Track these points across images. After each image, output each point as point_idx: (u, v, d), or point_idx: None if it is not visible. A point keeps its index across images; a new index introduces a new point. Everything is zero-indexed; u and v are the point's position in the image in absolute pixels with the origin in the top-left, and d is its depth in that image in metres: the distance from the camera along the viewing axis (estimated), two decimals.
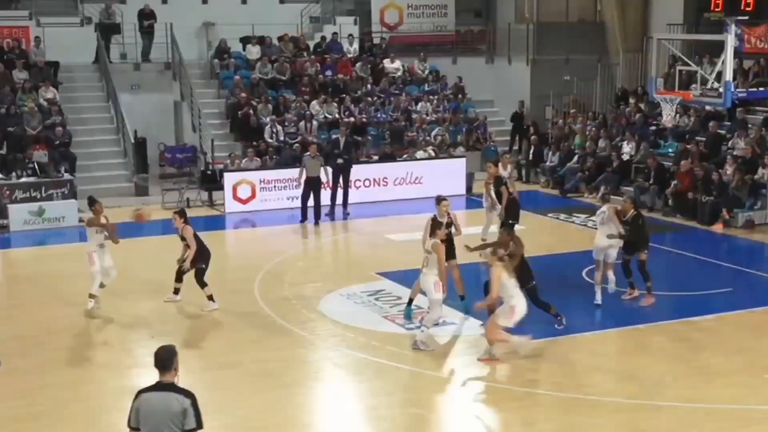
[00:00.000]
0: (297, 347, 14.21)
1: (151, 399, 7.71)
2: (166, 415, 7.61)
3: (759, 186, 22.81)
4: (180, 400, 7.65)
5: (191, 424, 7.64)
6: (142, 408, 7.73)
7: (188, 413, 7.64)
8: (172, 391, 7.70)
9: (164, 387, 7.73)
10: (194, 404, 7.70)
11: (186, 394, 7.72)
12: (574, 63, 32.15)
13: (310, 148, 23.30)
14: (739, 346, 14.15)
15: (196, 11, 31.27)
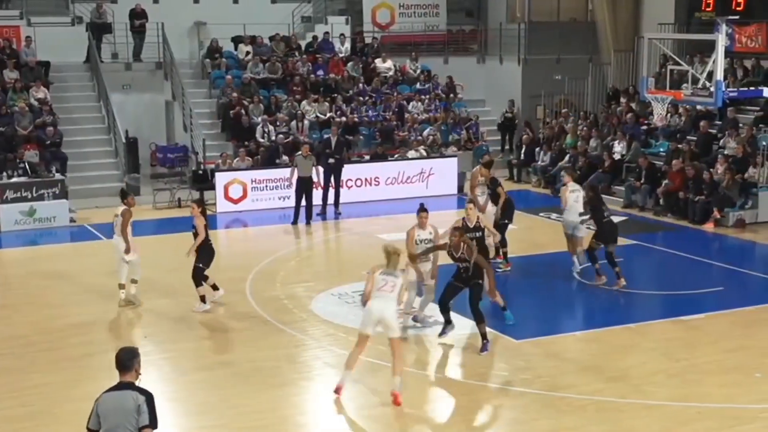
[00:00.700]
0: (289, 347, 14.21)
1: (108, 398, 7.82)
2: (121, 412, 7.69)
3: (750, 185, 22.88)
4: (135, 397, 7.73)
5: (144, 421, 7.69)
6: (100, 408, 7.82)
7: (142, 410, 7.70)
8: (128, 389, 7.80)
9: (122, 386, 7.85)
10: (149, 402, 7.76)
11: (142, 392, 7.79)
12: (565, 62, 32.22)
13: (302, 148, 23.29)
14: (730, 345, 14.18)
15: (187, 11, 31.26)
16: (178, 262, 18.77)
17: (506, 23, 33.86)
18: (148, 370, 13.24)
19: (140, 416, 7.69)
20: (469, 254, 13.50)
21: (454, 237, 13.59)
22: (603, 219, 17.16)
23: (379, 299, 11.83)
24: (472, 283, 13.66)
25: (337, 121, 27.67)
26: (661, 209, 23.78)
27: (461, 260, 13.59)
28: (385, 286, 11.89)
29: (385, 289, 11.88)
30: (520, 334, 14.49)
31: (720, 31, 18.28)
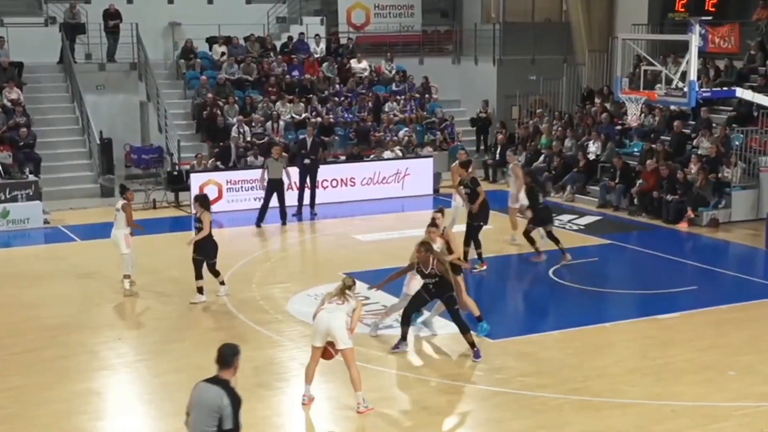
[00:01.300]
0: (265, 348, 14.18)
1: (201, 388, 8.02)
2: (205, 406, 7.89)
3: (723, 185, 23.02)
4: (221, 398, 7.87)
5: (228, 425, 7.86)
6: (194, 395, 8.05)
7: (226, 413, 7.85)
8: (220, 387, 7.94)
9: (218, 382, 7.99)
10: (235, 406, 7.90)
11: (230, 395, 7.92)
12: (540, 63, 32.33)
13: (273, 150, 23.17)
14: (704, 343, 14.27)
15: (161, 11, 31.13)
16: (152, 265, 18.76)
17: (481, 24, 33.93)
18: (121, 372, 13.31)
19: (224, 419, 7.84)
20: (440, 269, 13.26)
21: (419, 253, 13.22)
22: (539, 205, 18.61)
23: (326, 311, 11.76)
24: (445, 297, 13.41)
25: (312, 122, 27.63)
26: (635, 209, 23.89)
27: (431, 276, 13.28)
28: (329, 301, 11.85)
29: (334, 301, 11.82)
30: (496, 334, 14.51)
31: (693, 32, 18.38)
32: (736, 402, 11.95)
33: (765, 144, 23.47)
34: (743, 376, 12.85)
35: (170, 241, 21.23)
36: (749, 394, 12.23)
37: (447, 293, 13.37)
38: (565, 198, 25.84)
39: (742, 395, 12.18)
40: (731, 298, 16.67)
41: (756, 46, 26.62)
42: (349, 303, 11.85)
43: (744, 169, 23.25)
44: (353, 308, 11.88)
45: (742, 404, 11.88)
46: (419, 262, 13.30)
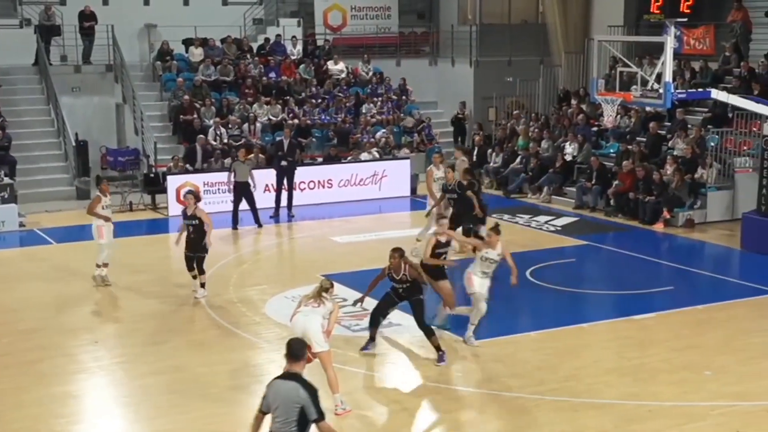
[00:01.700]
0: (243, 350, 14.15)
1: (277, 386, 8.17)
2: (286, 403, 8.04)
3: (699, 186, 23.15)
4: (299, 392, 8.02)
5: (312, 415, 8.01)
6: (270, 394, 8.19)
7: (307, 405, 8.00)
8: (294, 381, 8.10)
9: (291, 377, 8.15)
10: (314, 397, 8.04)
11: (305, 386, 8.06)
12: (516, 64, 32.40)
13: (239, 152, 23.07)
14: (680, 343, 14.34)
15: (137, 13, 31.01)
16: (129, 267, 18.68)
17: (458, 25, 33.99)
18: (98, 375, 13.24)
19: (306, 411, 7.98)
20: (413, 274, 13.23)
21: (393, 259, 13.14)
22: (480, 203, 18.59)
23: (302, 314, 11.73)
24: (412, 300, 13.40)
25: (289, 124, 27.58)
26: (611, 210, 23.99)
27: (402, 281, 13.27)
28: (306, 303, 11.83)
29: (310, 304, 11.80)
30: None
31: (668, 34, 18.43)
32: (713, 402, 12.02)
33: (740, 145, 23.62)
34: (719, 376, 12.92)
35: (147, 243, 21.18)
36: (725, 393, 12.30)
37: (416, 296, 13.38)
38: (542, 199, 25.91)
39: (718, 395, 12.25)
40: (707, 298, 16.76)
41: (731, 48, 26.78)
42: (326, 306, 11.82)
43: (719, 170, 23.39)
44: (330, 311, 11.86)
45: (718, 404, 11.95)
46: (391, 268, 13.22)
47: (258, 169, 23.75)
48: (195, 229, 16.46)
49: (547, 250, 19.83)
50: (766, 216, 20.05)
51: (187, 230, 16.55)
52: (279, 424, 8.08)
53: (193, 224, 16.47)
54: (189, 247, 16.63)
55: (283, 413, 8.04)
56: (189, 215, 16.51)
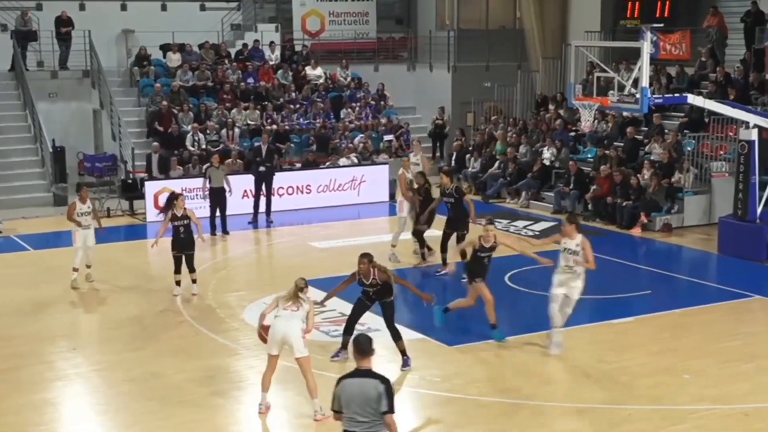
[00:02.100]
0: (221, 356, 14.11)
1: (350, 384, 8.26)
2: (364, 399, 8.14)
3: (676, 190, 23.26)
4: (376, 385, 8.15)
5: (384, 407, 8.12)
6: (343, 393, 8.27)
7: (382, 397, 8.12)
8: (368, 377, 8.23)
9: (362, 373, 8.28)
10: (388, 389, 8.18)
11: (381, 380, 8.20)
12: (494, 70, 32.49)
13: (213, 158, 23.00)
14: (658, 347, 14.40)
15: (114, 18, 30.88)
16: (106, 274, 18.60)
17: (435, 31, 34.06)
18: (76, 382, 13.17)
19: (380, 403, 8.11)
20: (382, 277, 13.17)
21: (362, 264, 13.04)
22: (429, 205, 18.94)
23: (283, 319, 11.71)
24: (383, 302, 13.37)
25: (267, 129, 27.56)
26: (589, 214, 24.07)
27: (372, 285, 13.22)
28: (285, 306, 11.80)
29: (288, 308, 11.77)
30: (452, 340, 14.55)
31: (645, 39, 18.53)
32: (691, 405, 12.07)
33: (716, 150, 23.75)
34: (698, 380, 12.99)
35: (125, 249, 21.10)
36: (704, 397, 12.36)
37: (386, 298, 13.36)
38: (520, 204, 25.99)
39: (697, 398, 12.31)
40: (685, 302, 16.87)
41: (707, 53, 26.95)
42: (303, 308, 11.79)
43: (696, 174, 23.52)
44: (307, 312, 11.83)
45: (697, 407, 12.01)
46: (360, 273, 13.14)
47: (236, 175, 23.69)
48: (186, 228, 17.03)
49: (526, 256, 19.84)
50: (742, 220, 20.17)
51: (178, 231, 17.03)
52: (361, 421, 8.19)
53: (184, 224, 17.02)
54: (180, 247, 17.07)
55: (361, 410, 8.17)
56: (180, 216, 17.01)
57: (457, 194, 18.34)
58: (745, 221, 20.13)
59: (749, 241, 19.84)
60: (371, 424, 8.16)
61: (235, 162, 25.48)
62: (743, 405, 12.11)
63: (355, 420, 8.18)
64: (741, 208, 20.22)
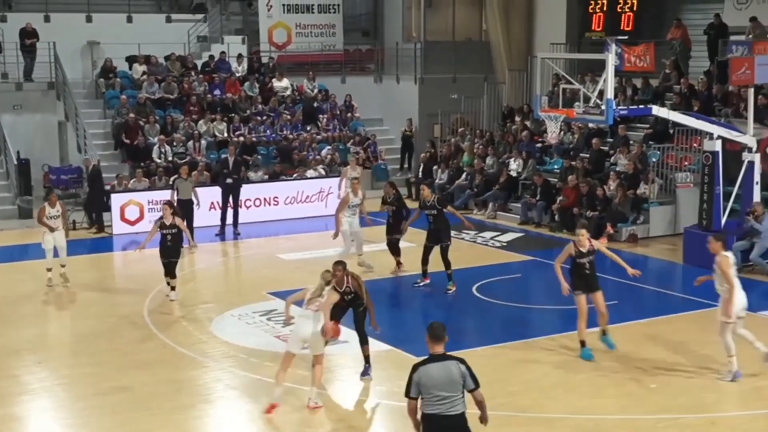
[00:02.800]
0: (189, 369, 14.03)
1: (431, 370, 8.68)
2: (449, 382, 8.64)
3: (641, 201, 23.43)
4: (456, 365, 8.71)
5: (471, 385, 8.73)
6: (425, 378, 8.65)
7: (465, 376, 8.71)
8: (447, 360, 8.73)
9: (439, 357, 8.74)
10: (468, 368, 8.77)
11: (458, 360, 8.77)
12: (461, 82, 32.60)
13: (181, 169, 22.94)
14: (625, 357, 14.46)
15: (80, 30, 30.70)
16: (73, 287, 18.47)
17: (402, 43, 34.14)
18: (42, 396, 13.05)
19: (465, 381, 8.69)
20: (355, 285, 13.14)
21: (337, 272, 12.93)
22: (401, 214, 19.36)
23: (307, 319, 12.20)
24: (355, 307, 13.37)
25: (234, 141, 27.51)
26: (556, 225, 24.20)
27: (346, 293, 13.14)
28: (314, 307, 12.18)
29: (314, 305, 12.19)
30: (420, 351, 14.52)
31: (610, 51, 18.67)
32: (658, 414, 12.14)
33: (681, 161, 23.94)
34: (664, 389, 13.06)
35: (90, 262, 20.97)
36: (670, 406, 12.44)
37: (359, 304, 13.36)
38: (487, 215, 26.07)
39: (664, 408, 12.38)
40: (651, 312, 16.97)
41: (671, 65, 27.20)
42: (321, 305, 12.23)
43: (661, 185, 23.70)
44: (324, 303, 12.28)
45: (664, 416, 12.08)
46: (335, 282, 12.95)
47: (203, 187, 23.62)
48: (173, 237, 17.48)
49: (493, 266, 19.94)
50: (707, 230, 20.31)
51: (166, 239, 17.45)
52: (443, 403, 8.62)
53: (172, 233, 17.46)
54: (167, 254, 17.46)
55: (446, 392, 8.61)
56: (168, 224, 17.47)
57: (440, 205, 18.22)
58: (710, 231, 20.25)
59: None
60: (453, 402, 8.64)
61: (201, 174, 25.39)
62: (710, 414, 12.21)
63: (440, 400, 8.61)
64: (706, 219, 20.39)
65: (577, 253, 14.24)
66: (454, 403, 8.65)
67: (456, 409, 8.67)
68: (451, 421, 8.67)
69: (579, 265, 14.25)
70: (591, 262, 14.26)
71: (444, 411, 8.63)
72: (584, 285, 14.23)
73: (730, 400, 12.75)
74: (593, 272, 14.30)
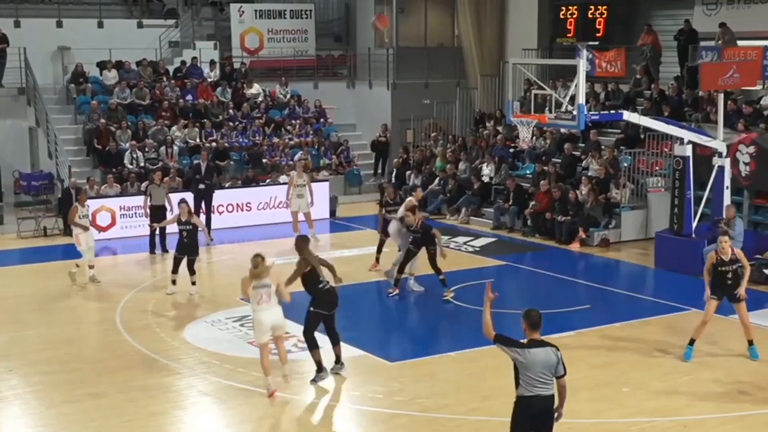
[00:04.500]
0: (162, 376, 13.97)
1: (536, 354, 9.29)
2: (548, 366, 9.28)
3: (613, 205, 23.56)
4: (554, 352, 9.36)
5: (561, 371, 9.38)
6: (528, 360, 9.28)
7: (559, 363, 9.36)
8: (547, 346, 9.37)
9: (539, 343, 9.37)
10: (561, 356, 9.40)
11: (555, 348, 9.41)
12: (433, 87, 32.68)
13: (154, 175, 22.86)
14: (599, 361, 14.54)
15: (50, 35, 30.49)
16: (43, 293, 18.34)
17: (374, 48, 34.17)
18: (14, 404, 12.95)
19: (558, 367, 9.34)
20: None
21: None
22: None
23: (263, 311, 12.70)
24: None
25: (206, 147, 27.43)
26: (529, 230, 24.29)
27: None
28: (261, 299, 12.67)
29: (263, 301, 12.69)
30: (393, 356, 14.57)
31: (581, 56, 18.75)
32: (631, 418, 12.20)
33: (652, 165, 24.10)
34: (637, 392, 13.14)
35: (62, 268, 20.79)
36: (643, 409, 12.51)
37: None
38: (460, 220, 26.13)
39: (637, 411, 12.45)
40: (623, 316, 17.03)
41: (642, 71, 27.38)
42: (272, 290, 12.72)
43: (632, 190, 23.84)
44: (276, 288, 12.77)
45: (637, 420, 12.15)
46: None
47: (175, 193, 23.51)
48: (189, 234, 18.19)
49: (466, 271, 19.96)
50: (678, 234, 20.48)
51: (182, 235, 18.22)
52: (543, 384, 9.28)
53: (187, 229, 18.19)
54: (182, 250, 18.16)
55: (547, 374, 9.27)
56: (184, 221, 18.16)
57: (422, 231, 18.01)
58: (681, 235, 20.44)
59: (685, 255, 20.13)
60: (550, 384, 9.31)
61: (174, 180, 25.30)
62: (682, 417, 12.27)
63: (541, 381, 9.25)
64: (677, 223, 20.53)
65: (719, 261, 14.13)
66: (550, 385, 9.31)
67: (550, 390, 9.31)
68: (546, 402, 9.32)
69: (721, 274, 14.13)
70: (734, 272, 14.12)
71: (542, 392, 9.26)
72: (723, 293, 14.20)
73: (703, 403, 12.83)
74: (736, 282, 14.14)
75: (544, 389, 9.29)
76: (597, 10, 29.55)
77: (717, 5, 27.00)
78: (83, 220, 19.32)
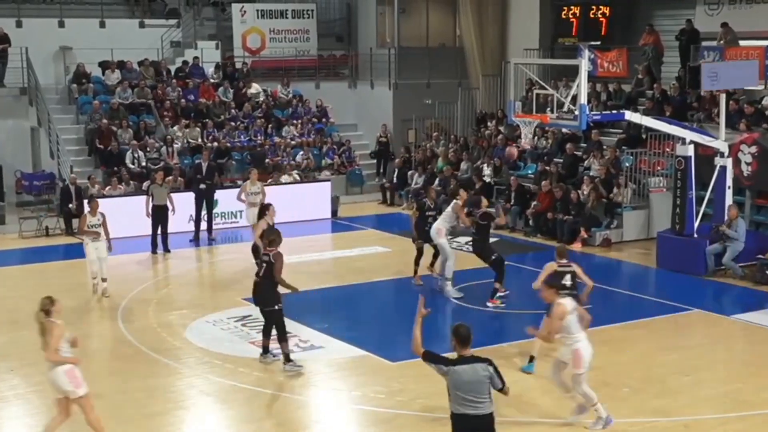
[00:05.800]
0: (163, 376, 13.98)
1: (460, 371, 8.96)
2: (477, 383, 8.94)
3: (614, 205, 23.55)
4: (483, 368, 8.99)
5: (498, 384, 9.06)
6: (454, 379, 8.96)
7: (493, 376, 9.01)
8: (475, 362, 9.02)
9: (468, 360, 9.04)
10: (495, 369, 9.06)
11: (485, 362, 9.06)
12: (435, 87, 32.68)
13: (156, 175, 22.85)
14: (599, 361, 14.44)
15: (52, 35, 30.51)
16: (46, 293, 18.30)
17: (376, 48, 34.18)
18: (14, 404, 12.96)
19: (493, 381, 9.00)
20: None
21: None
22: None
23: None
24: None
25: (208, 146, 27.44)
26: (530, 230, 24.29)
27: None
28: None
29: None
30: (395, 356, 14.56)
31: (583, 56, 18.74)
32: (632, 418, 12.20)
33: (654, 165, 24.09)
34: (638, 392, 13.14)
35: (64, 268, 20.85)
36: (644, 409, 12.51)
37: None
38: None
39: (637, 411, 12.45)
40: (625, 316, 17.03)
41: (643, 71, 27.37)
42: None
43: (634, 189, 23.84)
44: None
45: (638, 420, 12.14)
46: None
47: (177, 193, 23.53)
48: None
49: (468, 271, 19.94)
50: (680, 234, 20.46)
51: None
52: (471, 404, 8.93)
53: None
54: None
55: (474, 393, 8.92)
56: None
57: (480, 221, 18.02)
58: (683, 235, 20.43)
59: (687, 255, 20.14)
60: (481, 403, 8.94)
61: (175, 180, 25.31)
62: (683, 417, 12.27)
63: (468, 401, 8.92)
64: (678, 223, 20.52)
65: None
66: (482, 404, 8.94)
67: (484, 409, 8.96)
68: (478, 422, 8.97)
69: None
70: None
71: (470, 411, 8.94)
72: None
73: (704, 403, 12.83)
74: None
75: (472, 409, 8.94)
76: (599, 10, 29.54)
77: (719, 5, 26.99)
78: (93, 229, 18.29)
